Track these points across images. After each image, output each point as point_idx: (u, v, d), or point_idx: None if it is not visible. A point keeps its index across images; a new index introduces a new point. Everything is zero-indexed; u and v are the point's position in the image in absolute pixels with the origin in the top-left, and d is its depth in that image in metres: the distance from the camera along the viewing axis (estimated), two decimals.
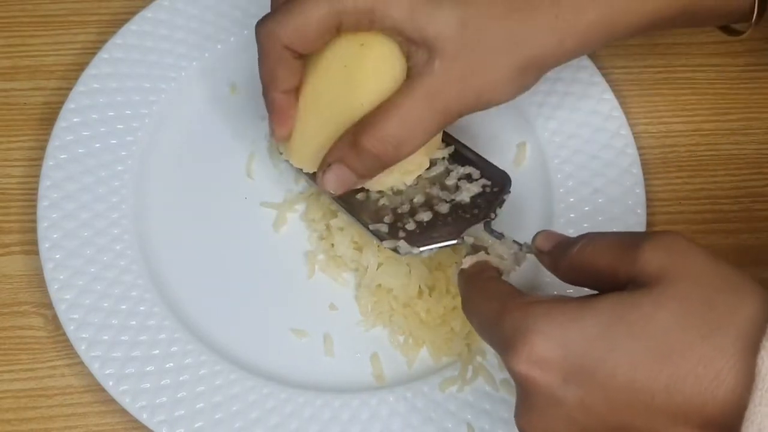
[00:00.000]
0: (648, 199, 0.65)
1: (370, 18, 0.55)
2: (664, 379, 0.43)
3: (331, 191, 0.58)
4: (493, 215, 0.59)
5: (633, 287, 0.45)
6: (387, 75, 0.56)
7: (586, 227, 0.63)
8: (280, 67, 0.56)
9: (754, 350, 0.42)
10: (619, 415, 0.44)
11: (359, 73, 0.56)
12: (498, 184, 0.61)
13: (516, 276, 0.56)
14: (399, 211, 0.60)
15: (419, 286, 0.61)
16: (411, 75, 0.55)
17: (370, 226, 0.60)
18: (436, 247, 0.58)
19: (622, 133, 0.66)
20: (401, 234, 0.59)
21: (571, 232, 0.63)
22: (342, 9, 0.54)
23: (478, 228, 0.58)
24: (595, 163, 0.66)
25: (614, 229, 0.63)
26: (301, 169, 0.61)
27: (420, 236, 0.59)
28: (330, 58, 0.57)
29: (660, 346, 0.43)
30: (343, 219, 0.62)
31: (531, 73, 0.57)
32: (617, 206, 0.64)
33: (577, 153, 0.66)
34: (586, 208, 0.64)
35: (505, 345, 0.46)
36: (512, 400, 0.58)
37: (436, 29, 0.54)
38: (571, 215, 0.64)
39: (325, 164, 0.57)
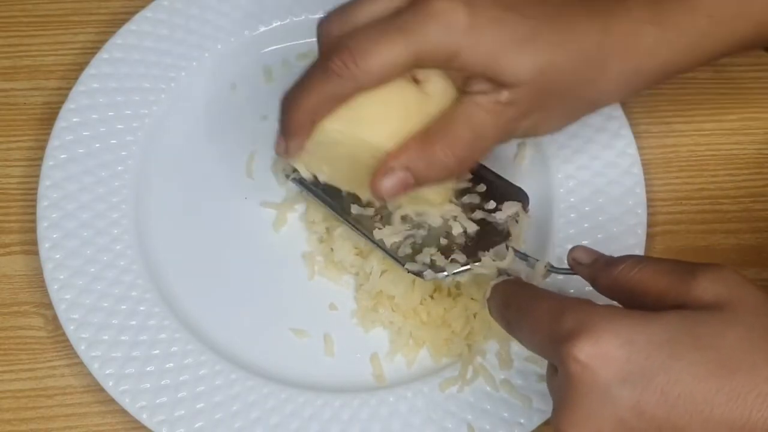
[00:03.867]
0: (648, 199, 0.65)
1: (449, 62, 0.53)
2: (726, 392, 0.43)
3: (385, 196, 0.56)
4: (511, 238, 0.59)
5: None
6: (433, 110, 0.55)
7: (586, 227, 0.63)
8: (337, 102, 0.54)
9: None
10: (674, 422, 0.44)
11: (405, 105, 0.55)
12: (516, 203, 0.60)
13: None
14: (420, 233, 0.60)
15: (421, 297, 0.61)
16: (474, 96, 0.54)
17: (395, 253, 0.59)
18: (460, 271, 0.58)
19: (623, 133, 0.67)
20: (423, 258, 0.59)
21: (572, 233, 0.63)
22: (423, 53, 0.53)
23: (501, 249, 0.58)
24: (595, 163, 0.66)
25: (615, 230, 0.63)
26: (299, 181, 0.61)
27: (439, 261, 0.59)
28: None
29: (726, 362, 0.44)
30: (346, 228, 0.62)
31: (585, 113, 0.59)
32: (618, 206, 0.64)
33: (578, 153, 0.66)
34: (587, 208, 0.64)
35: (567, 335, 0.45)
36: (512, 400, 0.58)
37: (514, 76, 0.53)
38: (572, 215, 0.64)
39: (388, 169, 0.55)
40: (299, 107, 0.55)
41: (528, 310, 0.50)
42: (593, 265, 0.52)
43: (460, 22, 0.52)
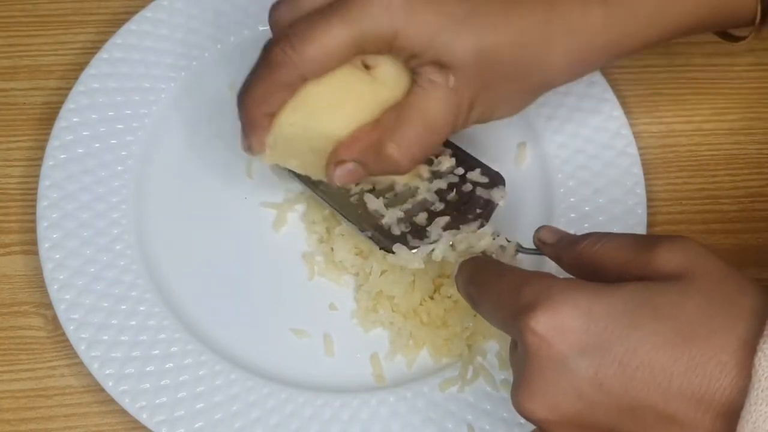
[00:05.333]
0: (648, 199, 0.65)
1: (390, 44, 0.54)
2: (685, 361, 0.43)
3: (338, 184, 0.58)
4: (485, 221, 0.59)
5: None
6: (386, 95, 0.56)
7: (586, 227, 0.63)
8: (284, 92, 0.55)
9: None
10: (633, 394, 0.44)
11: (358, 92, 0.56)
12: (492, 185, 0.61)
13: None
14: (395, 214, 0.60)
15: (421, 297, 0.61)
16: (423, 85, 0.55)
17: (367, 231, 0.60)
18: (430, 248, 0.58)
19: (623, 133, 0.67)
20: (396, 235, 0.59)
21: (572, 232, 0.63)
22: (366, 36, 0.54)
23: (473, 228, 0.58)
24: (595, 163, 0.66)
25: (615, 230, 0.63)
26: (307, 179, 0.61)
27: (413, 240, 0.59)
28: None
29: (685, 330, 0.43)
30: (344, 228, 0.62)
31: (538, 94, 0.59)
32: (618, 206, 0.64)
33: (578, 153, 0.66)
34: (587, 208, 0.64)
35: (525, 308, 0.45)
36: None
37: (453, 56, 0.54)
38: (572, 215, 0.64)
39: (338, 159, 0.57)
40: (249, 101, 0.56)
41: (490, 286, 0.50)
42: (558, 244, 0.52)
43: (396, 5, 0.53)
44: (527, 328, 0.45)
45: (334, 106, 0.56)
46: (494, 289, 0.49)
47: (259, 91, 0.56)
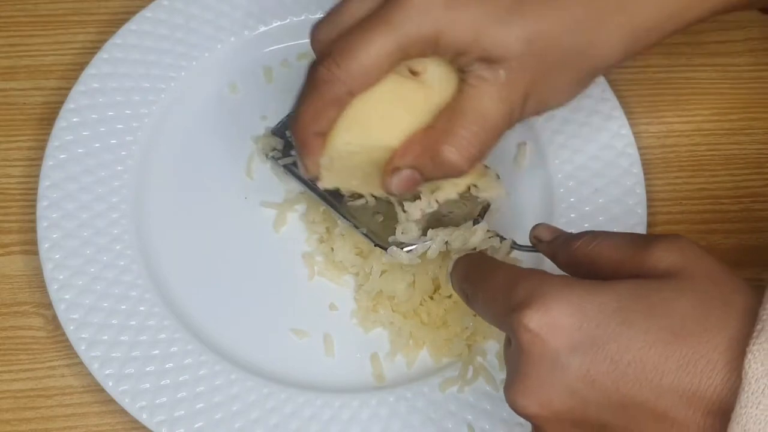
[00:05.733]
0: (648, 199, 0.65)
1: (435, 45, 0.52)
2: (676, 359, 0.43)
3: (396, 193, 0.56)
4: (480, 218, 0.59)
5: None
6: (436, 98, 0.54)
7: (586, 227, 0.63)
8: (333, 109, 0.54)
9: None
10: (624, 391, 0.44)
11: (407, 99, 0.54)
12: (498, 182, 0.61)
13: None
14: (391, 213, 0.60)
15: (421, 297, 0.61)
16: (473, 83, 0.53)
17: (362, 229, 0.60)
18: (421, 246, 0.58)
19: (623, 133, 0.67)
20: (392, 235, 0.59)
21: (570, 231, 0.63)
22: (409, 42, 0.52)
23: (467, 226, 0.58)
24: (595, 163, 0.66)
25: (615, 230, 0.63)
26: (290, 170, 0.61)
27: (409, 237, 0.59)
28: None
29: (677, 329, 0.43)
30: (344, 228, 0.62)
31: (592, 77, 0.57)
32: (618, 206, 0.64)
33: (578, 153, 0.66)
34: (587, 208, 0.64)
35: (518, 305, 0.45)
36: None
37: (502, 50, 0.52)
38: (572, 215, 0.64)
39: (393, 168, 0.55)
40: (300, 124, 0.55)
41: (484, 282, 0.50)
42: (554, 242, 0.52)
43: (437, 4, 0.52)
44: (520, 325, 0.45)
45: (386, 118, 0.54)
46: (488, 286, 0.49)
47: (308, 112, 0.54)
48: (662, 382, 0.43)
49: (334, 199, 0.61)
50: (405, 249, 0.58)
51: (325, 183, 0.58)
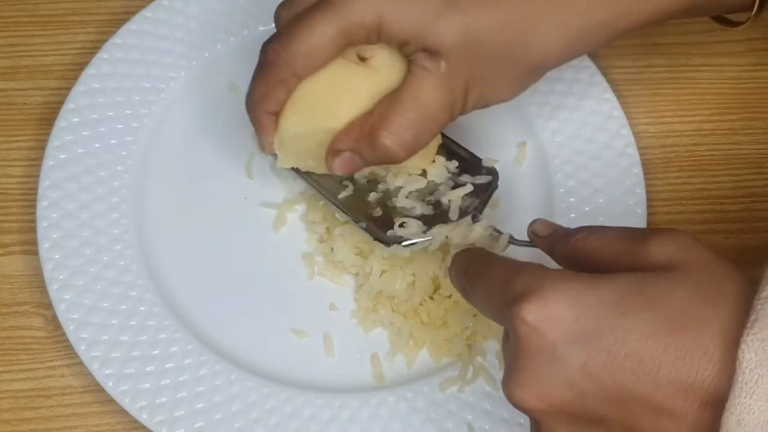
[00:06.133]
0: (648, 199, 0.65)
1: (378, 32, 0.55)
2: (673, 350, 0.43)
3: (338, 174, 0.58)
4: (479, 213, 0.59)
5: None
6: (382, 84, 0.56)
7: None
8: (280, 89, 0.57)
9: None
10: (621, 383, 0.44)
11: (353, 84, 0.56)
12: (485, 178, 0.61)
13: None
14: (389, 205, 0.61)
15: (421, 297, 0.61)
16: (415, 72, 0.56)
17: (361, 223, 0.60)
18: (421, 241, 0.58)
19: (623, 133, 0.67)
20: (389, 229, 0.59)
21: (569, 227, 0.63)
22: (351, 28, 0.54)
23: (467, 221, 0.58)
24: (595, 163, 0.66)
25: None
26: (297, 170, 0.62)
27: (407, 231, 0.59)
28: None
29: (674, 320, 0.44)
30: (344, 228, 0.62)
31: (533, 76, 0.59)
32: (618, 206, 0.64)
33: (578, 153, 0.66)
34: (587, 208, 0.64)
35: (516, 298, 0.45)
36: None
37: (441, 39, 0.54)
38: (572, 215, 0.64)
39: (335, 150, 0.57)
40: (251, 103, 0.58)
41: (482, 276, 0.50)
42: (551, 237, 0.52)
43: None
44: (518, 317, 0.45)
45: (333, 101, 0.57)
46: (486, 280, 0.50)
47: (258, 91, 0.57)
48: (659, 374, 0.43)
49: (332, 192, 0.61)
50: (405, 243, 0.58)
51: (282, 162, 0.60)
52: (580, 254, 0.49)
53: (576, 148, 0.66)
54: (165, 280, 0.63)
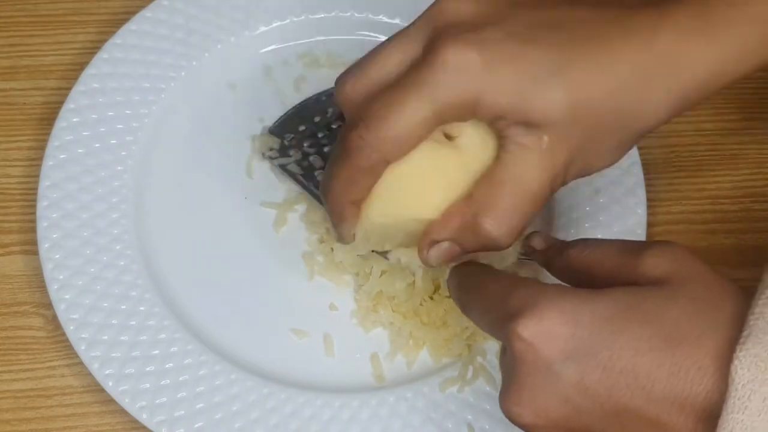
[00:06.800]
0: (649, 199, 0.65)
1: (473, 109, 0.49)
2: (668, 366, 0.43)
3: (434, 265, 0.54)
4: None
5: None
6: (473, 165, 0.51)
7: (587, 227, 0.63)
8: (366, 177, 0.51)
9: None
10: (617, 398, 0.44)
11: (443, 168, 0.51)
12: None
13: None
14: None
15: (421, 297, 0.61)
16: (512, 150, 0.50)
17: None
18: None
19: None
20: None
21: (572, 233, 0.63)
22: (444, 108, 0.48)
23: None
24: None
25: (615, 229, 0.63)
26: (289, 171, 0.62)
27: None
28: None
29: (669, 336, 0.44)
30: None
31: (636, 141, 0.53)
32: (618, 206, 0.64)
33: None
34: (587, 208, 0.64)
35: (511, 314, 0.45)
36: None
37: (543, 112, 0.48)
38: (572, 215, 0.64)
39: (432, 241, 0.52)
40: (333, 192, 0.52)
41: (479, 291, 0.50)
42: (547, 251, 0.52)
43: (475, 65, 0.48)
44: (514, 334, 0.45)
45: (422, 188, 0.52)
46: (482, 295, 0.49)
47: (342, 180, 0.51)
48: (654, 389, 0.43)
49: None
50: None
51: (359, 249, 0.57)
52: (576, 268, 0.49)
53: None
54: (165, 280, 0.63)
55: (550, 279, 0.52)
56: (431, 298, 0.61)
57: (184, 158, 0.67)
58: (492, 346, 0.60)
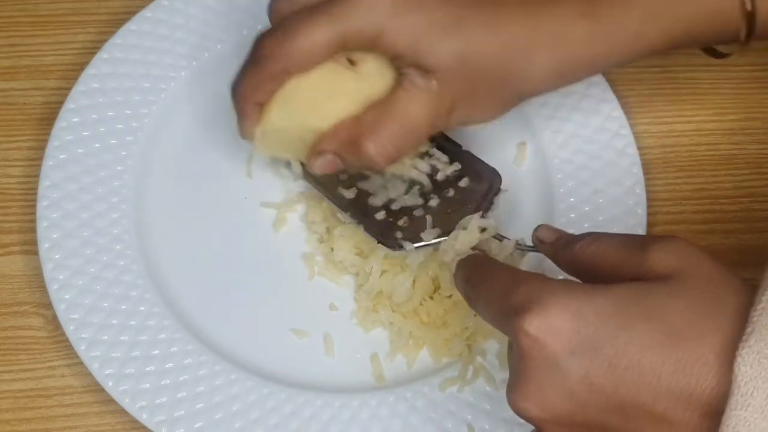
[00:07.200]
0: (648, 199, 0.65)
1: (375, 43, 0.56)
2: (672, 362, 0.43)
3: (318, 173, 0.60)
4: (482, 212, 0.60)
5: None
6: (369, 91, 0.58)
7: (586, 227, 0.63)
8: (270, 83, 0.57)
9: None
10: (622, 393, 0.44)
11: (342, 87, 0.57)
12: (488, 181, 0.61)
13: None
14: (392, 207, 0.61)
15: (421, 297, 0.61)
16: (406, 86, 0.57)
17: (366, 227, 0.61)
18: (430, 244, 0.59)
19: (623, 133, 0.66)
20: (395, 232, 0.60)
21: (572, 233, 0.63)
22: (349, 35, 0.55)
23: (472, 225, 0.58)
24: (595, 163, 0.66)
25: (615, 230, 0.63)
26: (302, 167, 0.62)
27: (413, 234, 0.60)
28: None
29: (674, 331, 0.44)
30: (344, 228, 0.62)
31: (518, 101, 0.60)
32: (618, 206, 0.64)
33: (578, 153, 0.66)
34: (587, 208, 0.64)
35: (518, 309, 0.46)
36: None
37: (437, 60, 0.55)
38: (572, 215, 0.64)
39: (319, 150, 0.58)
40: (239, 90, 0.58)
41: (485, 285, 0.50)
42: (555, 243, 0.53)
43: (384, 6, 0.55)
44: (520, 329, 0.45)
45: (319, 101, 0.58)
46: (488, 290, 0.50)
47: (248, 82, 0.58)
48: (659, 385, 0.43)
49: (338, 199, 0.62)
50: (409, 248, 0.59)
51: (260, 149, 0.61)
52: (584, 262, 0.50)
53: (576, 148, 0.66)
54: (165, 280, 0.63)
55: (552, 270, 0.52)
56: (431, 298, 0.61)
57: (184, 158, 0.67)
58: (492, 346, 0.60)
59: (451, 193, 0.61)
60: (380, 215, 0.61)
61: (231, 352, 0.61)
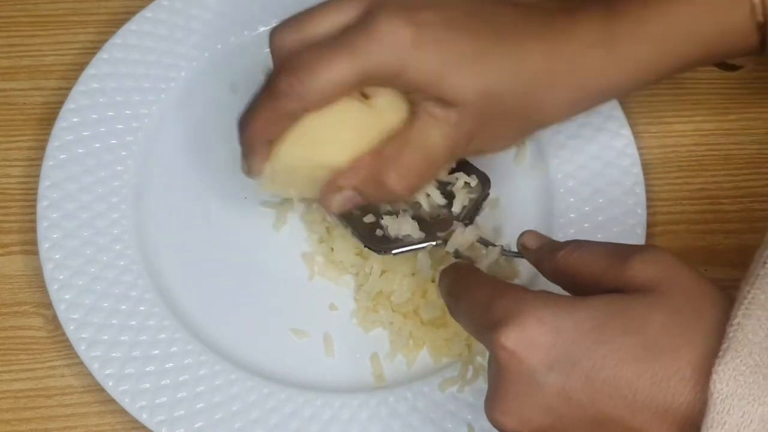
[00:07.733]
0: (648, 199, 0.65)
1: (395, 79, 0.54)
2: (649, 376, 0.43)
3: (333, 211, 0.58)
4: (469, 218, 0.60)
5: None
6: (383, 125, 0.56)
7: (586, 227, 0.63)
8: (285, 121, 0.55)
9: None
10: (599, 407, 0.44)
11: (356, 123, 0.56)
12: (478, 186, 0.61)
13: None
14: (380, 211, 0.61)
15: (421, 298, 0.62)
16: (424, 118, 0.55)
17: (352, 230, 0.60)
18: (411, 249, 0.59)
19: (623, 133, 0.66)
20: (380, 233, 0.60)
21: (572, 233, 0.63)
22: (370, 71, 0.53)
23: (460, 229, 0.59)
24: (595, 163, 0.66)
25: (615, 230, 0.63)
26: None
27: (399, 238, 0.60)
28: None
29: (651, 345, 0.44)
30: (341, 230, 0.62)
31: (534, 131, 0.60)
32: (617, 206, 0.64)
33: (577, 153, 0.66)
34: (586, 208, 0.64)
35: (495, 323, 0.46)
36: None
37: (458, 93, 0.54)
38: (571, 215, 0.64)
39: (337, 187, 0.56)
40: (251, 127, 0.56)
41: (466, 297, 0.50)
42: (539, 251, 0.53)
43: (405, 41, 0.53)
44: (497, 343, 0.45)
45: (335, 138, 0.56)
46: (469, 302, 0.50)
47: (261, 119, 0.55)
48: (636, 399, 0.44)
49: None
50: (395, 251, 0.59)
51: (266, 187, 0.59)
52: (565, 271, 0.50)
53: (575, 148, 0.66)
54: (165, 280, 0.63)
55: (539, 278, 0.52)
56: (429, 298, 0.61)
57: (184, 158, 0.67)
58: None
59: (439, 198, 0.61)
60: (369, 218, 0.60)
61: (231, 352, 0.61)
